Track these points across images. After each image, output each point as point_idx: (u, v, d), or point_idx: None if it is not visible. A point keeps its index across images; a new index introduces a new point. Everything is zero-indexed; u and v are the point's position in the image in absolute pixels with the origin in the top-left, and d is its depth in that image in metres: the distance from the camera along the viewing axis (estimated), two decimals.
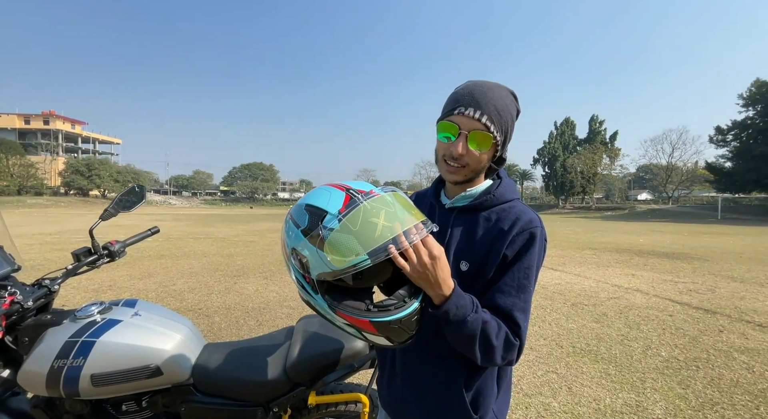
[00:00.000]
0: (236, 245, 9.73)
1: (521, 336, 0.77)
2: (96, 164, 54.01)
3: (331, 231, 0.61)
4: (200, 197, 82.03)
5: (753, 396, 2.38)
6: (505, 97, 0.79)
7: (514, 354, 0.76)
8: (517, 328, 0.76)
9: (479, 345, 0.72)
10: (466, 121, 0.76)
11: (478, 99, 0.76)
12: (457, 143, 0.77)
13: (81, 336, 1.06)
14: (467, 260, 0.80)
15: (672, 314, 4.11)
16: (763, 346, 3.20)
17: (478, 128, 0.76)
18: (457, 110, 0.77)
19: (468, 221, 0.84)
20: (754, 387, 2.51)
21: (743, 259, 8.09)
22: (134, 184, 1.46)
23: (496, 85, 0.80)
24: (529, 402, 2.32)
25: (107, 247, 1.27)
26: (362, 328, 0.67)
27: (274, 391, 1.19)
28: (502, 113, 0.77)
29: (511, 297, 0.76)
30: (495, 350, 0.73)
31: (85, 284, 5.08)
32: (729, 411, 2.21)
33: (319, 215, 0.64)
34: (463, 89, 0.79)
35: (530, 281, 0.79)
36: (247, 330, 3.52)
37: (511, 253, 0.77)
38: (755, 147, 33.10)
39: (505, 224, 0.79)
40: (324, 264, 0.62)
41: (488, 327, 0.72)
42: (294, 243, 0.66)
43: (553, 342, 3.28)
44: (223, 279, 5.64)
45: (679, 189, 54.34)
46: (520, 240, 0.77)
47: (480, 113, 0.75)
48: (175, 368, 1.13)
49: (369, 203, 0.63)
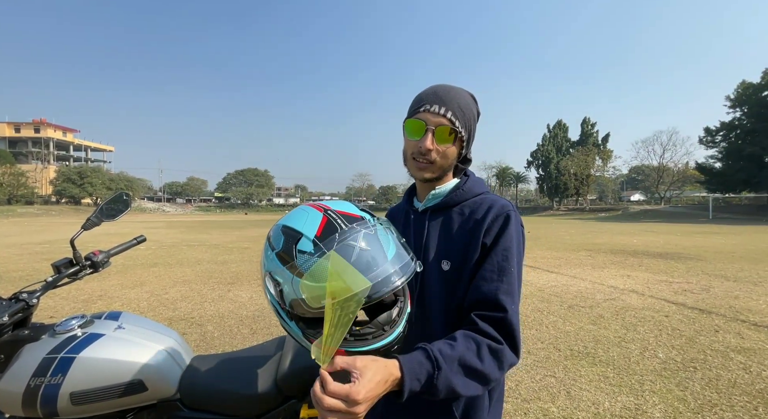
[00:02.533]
0: (230, 252, 9.63)
1: (509, 323, 0.71)
2: (88, 172, 53.44)
3: (308, 262, 0.58)
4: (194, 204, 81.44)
5: (751, 397, 2.37)
6: (467, 98, 0.83)
7: (506, 356, 0.69)
8: (503, 313, 0.71)
9: (470, 381, 0.65)
10: (431, 117, 0.79)
11: (441, 97, 0.80)
12: (424, 139, 0.79)
13: (60, 352, 1.02)
14: (448, 259, 0.80)
15: (668, 314, 4.11)
16: (758, 346, 3.21)
17: (444, 124, 0.78)
18: (423, 107, 0.79)
19: (442, 220, 0.85)
20: (752, 387, 2.50)
21: (735, 258, 8.17)
22: (121, 191, 1.41)
23: (457, 87, 0.84)
24: (527, 407, 2.29)
25: (90, 258, 1.22)
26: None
27: (265, 405, 1.14)
28: (465, 111, 0.81)
29: (494, 282, 0.74)
30: (487, 371, 0.67)
31: (75, 294, 4.97)
32: (728, 413, 2.20)
33: (294, 237, 0.61)
34: (427, 90, 0.84)
35: (511, 263, 0.76)
36: (241, 339, 3.46)
37: (489, 240, 0.77)
38: (744, 147, 33.71)
39: (478, 215, 0.80)
40: (297, 294, 0.58)
41: (465, 359, 0.64)
42: (270, 267, 0.63)
43: (551, 346, 3.26)
44: (216, 287, 5.55)
45: (671, 190, 55.10)
46: (496, 226, 0.78)
47: (445, 108, 0.78)
48: (161, 383, 1.08)
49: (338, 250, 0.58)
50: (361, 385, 0.53)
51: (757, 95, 33.38)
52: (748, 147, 33.16)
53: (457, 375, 0.64)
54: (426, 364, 0.62)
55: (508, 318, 0.71)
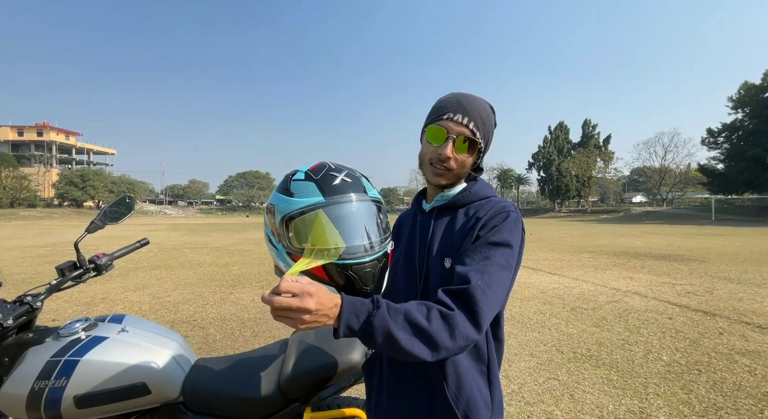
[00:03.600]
0: (232, 255, 9.64)
1: (470, 294, 0.67)
2: (90, 175, 53.60)
3: (297, 181, 0.73)
4: (196, 207, 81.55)
5: (756, 400, 2.35)
6: (487, 109, 0.86)
7: (458, 324, 0.64)
8: (466, 285, 0.68)
9: (414, 339, 0.62)
10: (453, 125, 0.81)
11: (465, 106, 0.82)
12: (445, 146, 0.81)
13: (64, 355, 1.02)
14: (450, 256, 0.81)
15: (671, 317, 4.09)
16: (763, 348, 3.18)
17: (465, 133, 0.81)
18: (446, 115, 0.81)
19: (448, 219, 0.87)
20: (757, 390, 2.48)
21: (739, 260, 8.12)
22: (124, 194, 1.42)
23: (478, 97, 0.86)
24: (531, 410, 2.28)
25: (93, 260, 1.23)
26: (317, 275, 0.67)
27: (268, 408, 1.14)
28: (485, 122, 0.84)
29: (470, 265, 0.72)
30: (434, 333, 0.63)
31: (77, 297, 4.98)
32: (733, 416, 2.18)
33: (291, 173, 0.78)
34: (449, 97, 0.85)
35: (494, 253, 0.73)
36: (243, 342, 3.45)
37: (483, 233, 0.79)
38: (746, 149, 33.61)
39: (480, 214, 0.82)
40: (287, 206, 0.71)
41: (412, 315, 0.63)
42: (270, 200, 0.76)
43: (554, 348, 3.24)
44: (218, 290, 5.55)
45: (673, 191, 54.86)
46: (493, 221, 0.79)
47: (467, 119, 0.81)
48: (164, 386, 1.09)
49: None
50: (313, 284, 0.58)
51: (758, 96, 33.32)
52: (750, 148, 33.07)
53: (400, 328, 0.62)
54: (367, 304, 0.63)
55: (470, 289, 0.67)
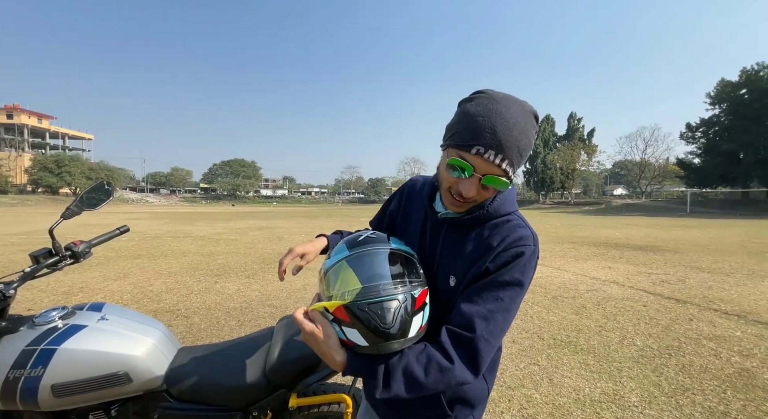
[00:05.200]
0: (217, 244, 9.49)
1: (473, 345, 0.69)
2: (66, 161, 51.41)
3: (337, 246, 0.81)
4: (179, 195, 79.53)
5: (720, 381, 2.50)
6: (529, 130, 0.68)
7: (455, 376, 0.67)
8: (471, 334, 0.69)
9: (411, 389, 0.67)
10: (483, 164, 0.67)
11: (501, 140, 0.65)
12: (469, 186, 0.69)
13: (40, 344, 0.99)
14: (455, 275, 0.77)
15: (646, 304, 4.27)
16: (729, 333, 3.37)
17: (496, 174, 0.67)
18: (475, 148, 0.66)
19: (459, 236, 0.80)
20: (722, 372, 2.63)
21: (710, 250, 8.50)
22: (102, 180, 1.37)
23: (522, 116, 0.67)
24: (512, 394, 2.36)
25: (70, 247, 1.18)
26: (339, 318, 0.69)
27: (254, 395, 1.14)
28: (524, 152, 0.68)
29: (476, 305, 0.71)
30: (429, 385, 0.67)
31: (54, 286, 4.82)
32: (699, 396, 2.31)
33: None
34: (484, 121, 0.66)
35: (502, 295, 0.72)
36: (228, 331, 3.43)
37: (493, 267, 0.73)
38: (721, 144, 34.91)
39: (494, 240, 0.75)
40: (325, 264, 0.79)
41: (408, 368, 0.67)
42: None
43: (535, 335, 3.35)
44: (203, 279, 5.48)
45: (652, 184, 56.65)
46: (505, 256, 0.73)
47: (501, 157, 0.65)
48: (147, 374, 1.07)
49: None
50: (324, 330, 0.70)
51: (735, 93, 34.46)
52: (725, 143, 34.36)
53: (397, 383, 0.67)
54: (368, 371, 0.69)
55: (474, 340, 0.69)
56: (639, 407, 2.21)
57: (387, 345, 0.66)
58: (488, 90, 0.71)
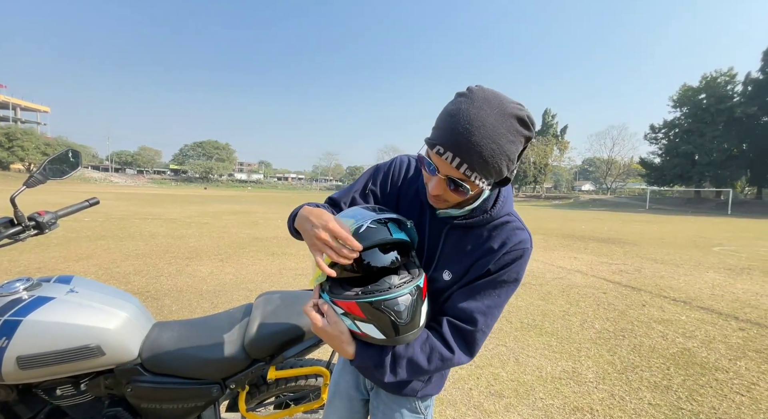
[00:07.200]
0: (189, 227, 9.16)
1: (473, 337, 0.78)
2: (18, 134, 47.18)
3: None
4: (147, 176, 75.53)
5: (665, 359, 2.75)
6: (501, 136, 0.61)
7: (454, 361, 0.77)
8: (473, 327, 0.77)
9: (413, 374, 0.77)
10: (444, 165, 0.65)
11: (459, 143, 0.61)
12: (433, 185, 0.70)
13: (3, 315, 0.95)
14: (452, 271, 0.81)
15: (605, 291, 4.57)
16: (675, 317, 3.69)
17: (456, 177, 0.65)
18: (436, 148, 0.63)
19: (461, 235, 0.81)
20: (667, 351, 2.89)
21: (664, 244, 9.17)
22: (68, 148, 1.29)
23: (493, 120, 0.60)
24: (480, 373, 2.49)
25: (34, 217, 1.12)
26: (352, 313, 0.69)
27: (231, 368, 1.15)
28: (491, 159, 0.61)
29: (476, 301, 0.78)
30: (431, 371, 0.77)
31: (7, 266, 4.51)
32: (646, 372, 2.54)
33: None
34: (450, 121, 0.62)
35: (501, 291, 0.79)
36: (201, 312, 3.37)
37: (494, 268, 0.77)
38: (680, 145, 37.24)
39: (495, 243, 0.77)
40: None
41: (414, 359, 0.75)
42: None
43: (503, 319, 3.52)
44: (173, 261, 5.30)
45: (617, 181, 59.82)
46: (506, 259, 0.77)
47: (459, 161, 0.62)
48: (120, 348, 1.05)
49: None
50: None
51: (695, 98, 36.66)
52: (683, 145, 36.67)
53: (402, 369, 0.75)
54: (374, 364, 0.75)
55: (474, 332, 0.77)
56: (594, 382, 2.40)
57: (403, 337, 0.70)
58: (478, 87, 0.65)
